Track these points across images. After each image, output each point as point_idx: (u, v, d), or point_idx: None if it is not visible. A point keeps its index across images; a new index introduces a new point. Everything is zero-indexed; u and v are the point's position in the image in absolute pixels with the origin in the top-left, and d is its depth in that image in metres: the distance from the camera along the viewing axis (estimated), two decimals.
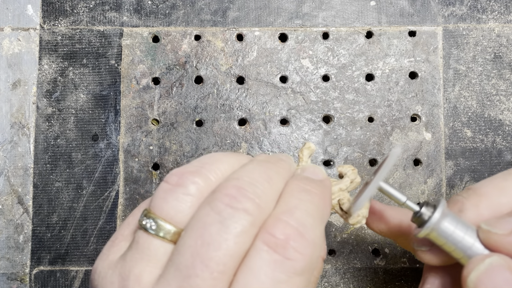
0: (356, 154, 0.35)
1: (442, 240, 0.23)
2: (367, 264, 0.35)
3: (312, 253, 0.19)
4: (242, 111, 0.36)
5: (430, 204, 0.24)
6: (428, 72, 0.36)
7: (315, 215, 0.20)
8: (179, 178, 0.20)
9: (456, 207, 0.24)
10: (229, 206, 0.19)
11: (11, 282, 0.34)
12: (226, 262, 0.18)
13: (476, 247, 0.22)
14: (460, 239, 0.22)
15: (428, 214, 0.23)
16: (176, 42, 0.36)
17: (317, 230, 0.20)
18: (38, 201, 0.35)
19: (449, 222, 0.23)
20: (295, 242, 0.19)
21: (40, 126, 0.35)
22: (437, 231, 0.23)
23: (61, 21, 0.36)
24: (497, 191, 0.24)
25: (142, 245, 0.20)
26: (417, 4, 0.36)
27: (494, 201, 0.23)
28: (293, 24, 0.36)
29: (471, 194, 0.24)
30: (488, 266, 0.21)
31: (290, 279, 0.18)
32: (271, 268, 0.18)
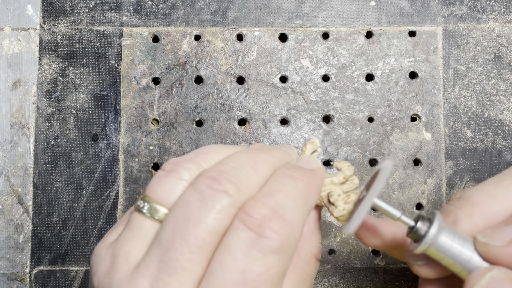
0: (356, 154, 0.35)
1: (440, 255, 0.22)
2: (367, 264, 0.35)
3: (288, 233, 0.19)
4: (242, 111, 0.36)
5: (425, 218, 0.23)
6: (428, 72, 0.36)
7: (297, 200, 0.21)
8: (174, 165, 0.22)
9: (449, 218, 0.24)
10: (209, 186, 0.20)
11: (11, 282, 0.34)
12: (204, 238, 0.19)
13: (475, 260, 0.22)
14: (458, 252, 0.22)
15: (424, 229, 0.23)
16: (176, 42, 0.36)
17: (297, 213, 0.20)
18: (38, 201, 0.35)
19: (446, 236, 0.22)
20: (270, 221, 0.19)
21: (40, 126, 0.35)
22: (435, 246, 0.22)
23: (61, 21, 0.36)
24: (490, 199, 0.23)
25: (134, 225, 0.21)
26: (417, 4, 0.36)
27: (488, 210, 0.23)
28: (293, 24, 0.36)
29: (463, 204, 0.24)
30: (490, 280, 0.21)
31: (264, 257, 0.19)
32: (246, 245, 0.19)
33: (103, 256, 0.21)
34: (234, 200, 0.20)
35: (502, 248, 0.21)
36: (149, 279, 0.19)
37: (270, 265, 0.19)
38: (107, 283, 0.20)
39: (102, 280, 0.21)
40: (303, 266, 0.23)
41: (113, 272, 0.20)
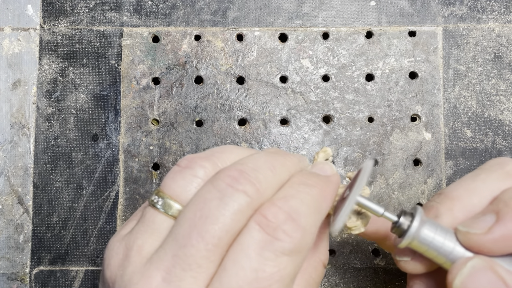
0: (356, 154, 0.35)
1: (424, 248, 0.23)
2: (367, 264, 0.35)
3: (301, 237, 0.20)
4: (242, 111, 0.36)
5: (408, 213, 0.24)
6: (428, 72, 0.36)
7: (311, 206, 0.21)
8: (189, 162, 0.22)
9: (431, 213, 0.24)
10: (230, 185, 0.20)
11: (11, 282, 0.34)
12: (221, 236, 0.19)
13: (457, 250, 0.23)
14: (441, 244, 0.23)
15: (407, 223, 0.23)
16: (176, 42, 0.36)
17: (310, 219, 0.21)
18: (38, 201, 0.35)
19: (428, 229, 0.23)
20: (285, 225, 0.20)
21: (40, 126, 0.35)
22: (418, 239, 0.23)
23: (61, 21, 0.36)
24: (468, 193, 0.24)
25: (148, 219, 0.21)
26: (417, 4, 0.36)
27: (467, 203, 0.24)
28: (293, 24, 0.36)
29: (444, 199, 0.24)
30: (471, 269, 0.21)
31: (277, 258, 0.19)
32: (260, 245, 0.19)
33: (116, 249, 0.21)
34: (252, 201, 0.20)
35: (482, 235, 0.22)
36: (162, 272, 0.19)
37: (282, 266, 0.20)
38: (120, 275, 0.20)
39: (115, 273, 0.21)
40: (311, 271, 0.24)
41: (126, 265, 0.20)
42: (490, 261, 0.22)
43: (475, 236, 0.22)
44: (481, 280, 0.21)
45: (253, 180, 0.21)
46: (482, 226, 0.22)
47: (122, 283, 0.20)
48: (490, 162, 0.25)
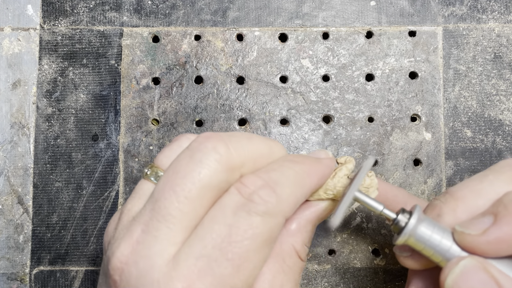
0: (356, 154, 0.35)
1: (421, 245, 0.23)
2: (367, 264, 0.35)
3: (275, 203, 0.22)
4: (242, 111, 0.36)
5: (406, 211, 0.24)
6: (428, 72, 0.36)
7: (291, 179, 0.23)
8: (177, 137, 0.26)
9: (434, 212, 0.24)
10: (200, 144, 0.22)
11: (11, 282, 0.34)
12: (190, 189, 0.21)
13: (454, 249, 0.23)
14: (438, 243, 0.23)
15: (405, 220, 0.24)
16: (176, 42, 0.36)
17: (288, 190, 0.22)
18: (38, 201, 0.35)
19: (425, 227, 0.23)
20: (261, 190, 0.22)
21: (40, 126, 0.35)
22: (415, 236, 0.23)
23: (61, 21, 0.36)
24: (473, 194, 0.24)
25: (138, 188, 0.24)
26: (417, 4, 0.36)
27: (471, 204, 0.24)
28: (293, 24, 0.36)
29: (448, 199, 0.24)
30: (463, 268, 0.22)
31: (250, 217, 0.21)
32: (236, 206, 0.21)
33: (113, 217, 0.25)
34: (221, 157, 0.22)
35: (477, 236, 0.22)
36: (142, 225, 0.22)
37: (254, 225, 0.21)
38: (112, 235, 0.23)
39: (111, 235, 0.24)
40: (284, 257, 0.24)
41: (118, 225, 0.23)
42: (483, 262, 0.22)
43: (469, 237, 0.22)
44: (472, 280, 0.21)
45: (224, 139, 0.22)
46: (478, 228, 0.22)
47: (113, 240, 0.23)
48: (501, 163, 0.25)
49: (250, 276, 0.21)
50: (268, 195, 0.22)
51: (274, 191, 0.22)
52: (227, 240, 0.21)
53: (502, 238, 0.21)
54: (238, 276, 0.21)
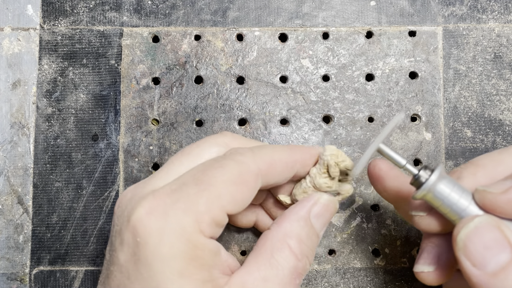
0: (356, 154, 0.35)
1: (438, 202, 0.24)
2: (367, 264, 0.35)
3: (251, 156, 0.25)
4: (242, 111, 0.36)
5: (429, 168, 0.24)
6: (428, 72, 0.36)
7: (271, 148, 0.27)
8: None
9: (454, 175, 0.25)
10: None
11: (11, 282, 0.34)
12: None
13: (471, 209, 0.23)
14: (455, 201, 0.23)
15: (426, 176, 0.24)
16: (176, 42, 0.36)
17: (266, 151, 0.26)
18: (38, 201, 0.35)
19: (445, 184, 0.24)
20: (240, 149, 0.26)
21: (40, 126, 0.35)
22: (434, 192, 0.24)
23: (61, 21, 0.36)
24: (494, 162, 0.25)
25: None
26: (417, 4, 0.36)
27: (491, 170, 0.24)
28: (293, 24, 0.36)
29: (468, 165, 0.25)
30: (478, 224, 0.22)
31: (223, 160, 0.25)
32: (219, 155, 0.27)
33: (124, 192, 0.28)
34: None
35: (498, 194, 0.22)
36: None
37: (225, 164, 0.24)
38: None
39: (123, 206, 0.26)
40: (273, 250, 0.24)
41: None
42: (498, 221, 0.22)
43: (490, 195, 0.22)
44: (485, 236, 0.21)
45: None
46: (499, 187, 0.22)
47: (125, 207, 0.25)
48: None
49: (213, 202, 0.23)
50: (245, 150, 0.25)
51: (252, 150, 0.25)
52: (200, 171, 0.24)
53: None
54: (202, 197, 0.23)
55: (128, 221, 0.23)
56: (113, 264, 0.24)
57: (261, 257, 0.24)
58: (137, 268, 0.22)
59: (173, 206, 0.22)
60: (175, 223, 0.22)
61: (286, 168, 0.26)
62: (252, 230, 0.35)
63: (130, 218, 0.23)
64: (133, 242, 0.22)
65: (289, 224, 0.25)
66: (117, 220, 0.25)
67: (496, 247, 0.21)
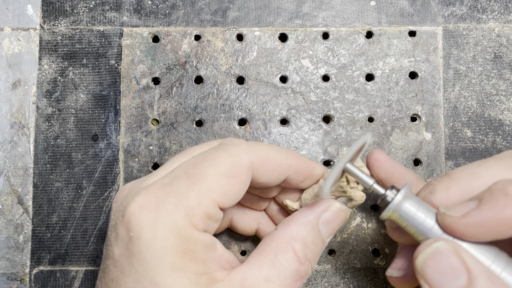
0: None
1: (404, 222, 0.24)
2: (367, 264, 0.35)
3: (245, 148, 0.26)
4: (242, 111, 0.36)
5: (396, 188, 0.24)
6: (428, 72, 0.36)
7: (268, 145, 0.27)
8: None
9: (428, 189, 0.25)
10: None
11: (11, 282, 0.34)
12: None
13: (435, 230, 0.23)
14: (421, 221, 0.23)
15: (392, 196, 0.24)
16: (176, 42, 0.36)
17: (263, 147, 0.26)
18: (38, 201, 0.35)
19: (411, 204, 0.24)
20: (235, 139, 0.27)
21: (40, 126, 0.35)
22: (399, 212, 0.24)
23: (61, 21, 0.36)
24: (469, 176, 0.24)
25: None
26: (417, 4, 0.36)
27: (465, 185, 0.24)
28: (293, 24, 0.36)
29: (443, 178, 0.25)
30: (434, 250, 0.22)
31: (216, 151, 0.25)
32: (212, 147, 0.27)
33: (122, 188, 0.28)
34: None
35: (457, 218, 0.22)
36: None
37: (216, 156, 0.24)
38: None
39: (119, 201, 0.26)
40: (277, 252, 0.24)
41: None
42: (457, 246, 0.22)
43: (450, 218, 0.22)
44: (442, 262, 0.21)
45: None
46: (460, 210, 0.22)
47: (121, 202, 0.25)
48: (505, 152, 0.25)
49: (203, 196, 0.23)
50: (240, 142, 0.25)
51: (248, 142, 0.25)
52: (192, 165, 0.24)
53: (481, 222, 0.21)
54: (192, 191, 0.23)
55: (122, 216, 0.23)
56: (109, 258, 0.24)
57: (264, 256, 0.24)
58: (130, 262, 0.22)
59: (164, 201, 0.23)
60: (167, 217, 0.22)
61: (279, 168, 0.26)
62: None
63: (124, 213, 0.23)
64: (127, 236, 0.23)
65: (296, 227, 0.25)
66: (113, 215, 0.25)
67: (453, 272, 0.21)
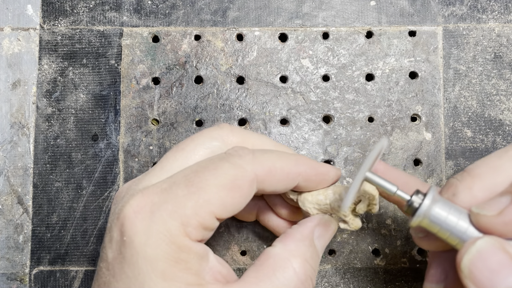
0: (356, 154, 0.35)
1: (436, 227, 0.22)
2: (367, 264, 0.35)
3: (250, 160, 0.25)
4: (242, 111, 0.36)
5: (421, 192, 0.23)
6: (428, 72, 0.36)
7: (274, 153, 0.26)
8: None
9: (450, 191, 0.23)
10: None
11: (10, 282, 0.34)
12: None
13: (471, 231, 0.22)
14: (454, 224, 0.22)
15: (419, 201, 0.23)
16: (176, 42, 0.36)
17: (267, 156, 0.25)
18: (38, 201, 0.35)
19: (440, 208, 0.22)
20: (240, 149, 0.25)
21: (40, 126, 0.35)
22: (429, 218, 0.22)
23: (61, 21, 0.36)
24: (491, 170, 0.23)
25: None
26: (417, 4, 0.36)
27: (488, 181, 0.23)
28: (293, 24, 0.36)
29: (465, 176, 0.23)
30: (480, 248, 0.21)
31: (219, 161, 0.24)
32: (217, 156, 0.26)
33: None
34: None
35: (493, 217, 0.21)
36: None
37: (219, 166, 0.23)
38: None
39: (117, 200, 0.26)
40: (275, 269, 0.23)
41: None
42: (502, 241, 0.21)
43: (485, 218, 0.21)
44: (490, 260, 0.20)
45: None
46: (494, 208, 0.21)
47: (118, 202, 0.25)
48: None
49: (201, 206, 0.22)
50: (245, 152, 0.24)
51: (253, 152, 0.24)
52: (193, 172, 0.23)
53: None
54: (190, 200, 0.22)
55: (117, 218, 0.23)
56: (102, 260, 0.24)
57: (262, 273, 0.23)
58: (122, 266, 0.22)
59: (160, 207, 0.22)
60: (161, 224, 0.22)
61: (287, 178, 0.25)
62: (252, 230, 0.35)
63: (119, 216, 0.23)
64: (120, 240, 0.22)
65: (294, 244, 0.25)
66: (110, 217, 0.24)
67: (503, 269, 0.20)
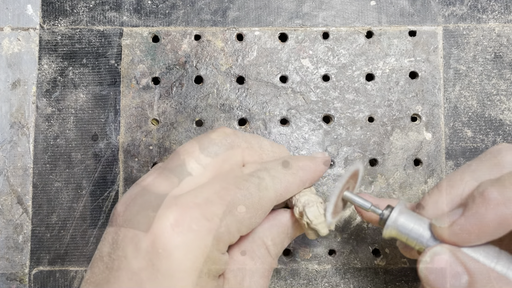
0: (356, 154, 0.35)
1: (404, 237, 0.25)
2: (367, 264, 0.35)
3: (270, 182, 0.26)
4: (242, 111, 0.36)
5: (391, 206, 0.26)
6: (428, 72, 0.36)
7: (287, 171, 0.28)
8: None
9: (420, 205, 0.27)
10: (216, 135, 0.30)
11: (10, 282, 0.34)
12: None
13: (431, 240, 0.25)
14: (420, 233, 0.25)
15: (388, 214, 0.26)
16: (176, 42, 0.36)
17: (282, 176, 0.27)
18: (37, 201, 0.35)
19: (406, 219, 0.25)
20: (260, 171, 0.27)
21: (40, 126, 0.35)
22: (397, 228, 0.25)
23: (61, 21, 0.36)
24: (455, 184, 0.26)
25: None
26: (417, 4, 0.36)
27: (453, 194, 0.25)
28: (293, 24, 0.36)
29: (434, 191, 0.27)
30: (433, 255, 0.24)
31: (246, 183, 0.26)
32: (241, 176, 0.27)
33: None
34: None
35: (446, 228, 0.24)
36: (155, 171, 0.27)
37: (245, 187, 0.25)
38: None
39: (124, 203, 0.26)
40: (254, 247, 0.27)
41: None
42: (453, 249, 0.23)
43: (439, 229, 0.24)
44: (439, 262, 0.23)
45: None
46: (447, 220, 0.24)
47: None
48: (487, 150, 0.27)
49: (234, 226, 0.24)
50: (264, 174, 0.26)
51: (272, 177, 0.26)
52: (225, 190, 0.24)
53: (467, 229, 0.23)
54: (225, 219, 0.24)
55: (147, 229, 0.24)
56: (121, 269, 0.23)
57: (247, 248, 0.27)
58: (154, 277, 0.23)
59: (198, 223, 0.23)
60: (200, 240, 0.23)
61: (297, 190, 0.27)
62: None
63: (152, 227, 0.23)
64: (153, 251, 0.23)
65: (268, 226, 0.28)
66: (126, 224, 0.25)
67: (454, 274, 0.23)
